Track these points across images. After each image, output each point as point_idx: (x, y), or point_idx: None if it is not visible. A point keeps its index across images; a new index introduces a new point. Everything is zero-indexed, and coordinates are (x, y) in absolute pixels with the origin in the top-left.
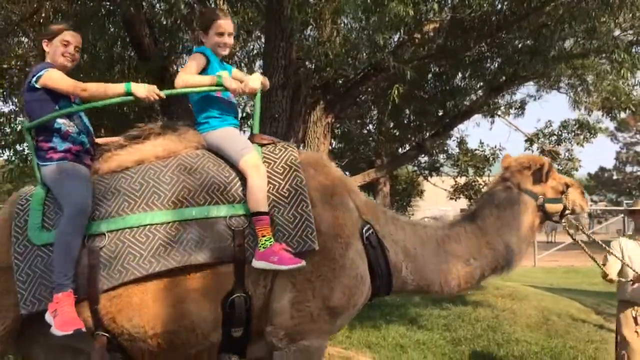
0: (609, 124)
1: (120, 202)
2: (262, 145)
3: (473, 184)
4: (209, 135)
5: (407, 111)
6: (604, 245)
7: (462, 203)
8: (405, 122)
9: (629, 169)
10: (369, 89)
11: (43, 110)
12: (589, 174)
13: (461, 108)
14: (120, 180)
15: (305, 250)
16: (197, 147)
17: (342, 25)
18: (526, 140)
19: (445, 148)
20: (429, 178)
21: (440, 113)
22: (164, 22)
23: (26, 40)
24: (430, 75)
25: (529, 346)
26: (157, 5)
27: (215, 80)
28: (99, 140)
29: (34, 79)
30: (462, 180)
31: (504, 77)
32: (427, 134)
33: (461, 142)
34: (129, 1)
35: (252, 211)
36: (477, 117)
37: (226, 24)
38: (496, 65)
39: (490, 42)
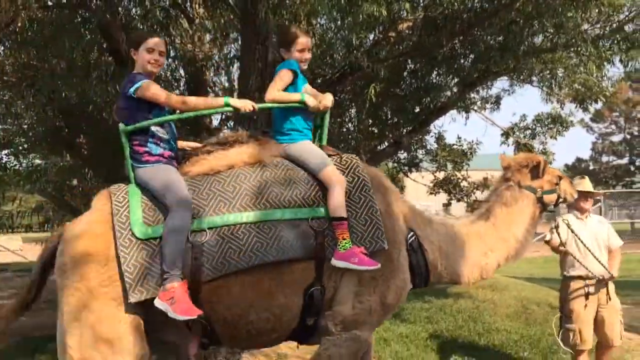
0: (584, 115)
1: (217, 202)
2: (329, 156)
3: (452, 178)
4: (290, 146)
5: (385, 109)
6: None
7: (442, 197)
8: (383, 119)
9: (604, 158)
10: (347, 88)
11: (138, 117)
12: (566, 165)
13: (437, 104)
14: (214, 183)
15: (376, 251)
16: (277, 156)
17: (318, 26)
18: (502, 134)
19: (424, 144)
20: (409, 174)
21: (417, 109)
22: (141, 28)
23: (2, 49)
24: (406, 73)
25: (508, 335)
26: (133, 10)
27: (299, 97)
28: (181, 144)
29: (132, 89)
30: (441, 175)
31: (477, 73)
32: (405, 130)
33: (439, 138)
34: (104, 8)
35: (332, 216)
36: (453, 113)
37: (307, 41)
38: (469, 61)
39: (463, 39)
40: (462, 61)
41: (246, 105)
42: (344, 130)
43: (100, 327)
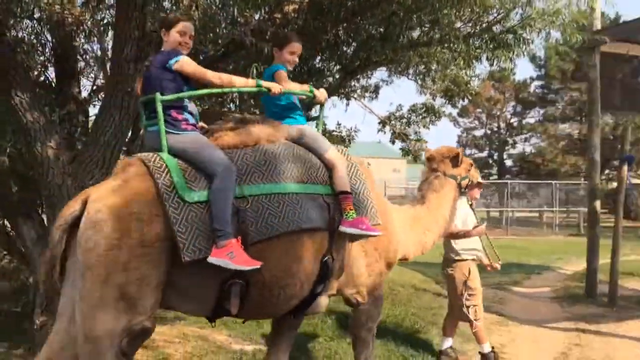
0: (452, 109)
1: (251, 173)
2: None
3: None
4: (296, 128)
5: None
6: None
7: None
8: None
9: (467, 151)
10: (229, 67)
11: (173, 89)
12: None
13: (319, 89)
14: (246, 156)
15: (373, 225)
16: (287, 137)
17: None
18: (379, 123)
19: None
20: None
21: None
22: None
23: None
24: None
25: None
26: None
27: (309, 88)
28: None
29: (172, 61)
30: None
31: (358, 61)
32: None
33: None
34: None
35: (340, 190)
36: (334, 99)
37: (299, 47)
38: (352, 49)
39: (347, 27)
40: (345, 48)
41: (275, 87)
42: (225, 109)
43: (128, 286)
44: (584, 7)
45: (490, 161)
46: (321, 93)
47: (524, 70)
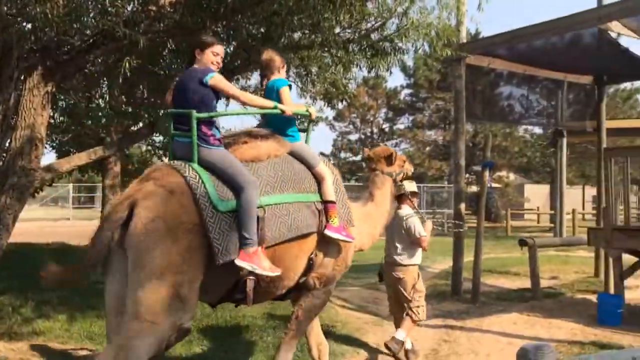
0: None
1: (265, 185)
2: None
3: None
4: (294, 144)
5: (141, 87)
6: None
7: None
8: (139, 98)
9: (343, 155)
10: (98, 59)
11: (207, 103)
12: None
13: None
14: (260, 169)
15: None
16: (288, 152)
17: None
18: (257, 126)
19: None
20: (164, 158)
21: None
22: None
23: None
24: (166, 51)
25: (254, 320)
26: None
27: (305, 108)
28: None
29: (207, 78)
30: None
31: (239, 61)
32: (162, 111)
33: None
34: None
35: (327, 199)
36: None
37: (221, 49)
38: (231, 48)
39: (226, 25)
40: (224, 47)
41: (288, 110)
42: (94, 106)
43: (181, 288)
44: (453, 22)
45: (364, 165)
46: (314, 111)
47: (395, 78)
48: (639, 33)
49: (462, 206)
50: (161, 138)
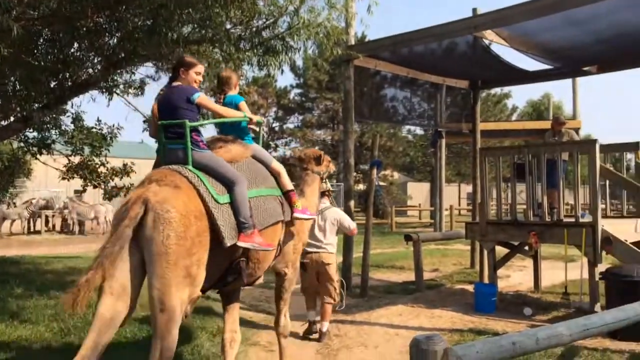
0: None
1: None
2: None
3: (89, 163)
4: (254, 147)
5: (13, 78)
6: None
7: (77, 183)
8: (10, 90)
9: None
10: None
11: (194, 117)
12: None
13: (76, 80)
14: (238, 168)
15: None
16: (251, 154)
17: None
18: (144, 121)
19: (59, 123)
20: (39, 156)
21: (53, 83)
22: None
23: None
24: (42, 41)
25: (140, 325)
26: None
27: (259, 118)
28: None
29: (194, 97)
30: (76, 159)
31: (123, 53)
32: (37, 105)
33: (77, 118)
34: None
35: (286, 190)
36: (94, 93)
37: (202, 68)
38: (115, 40)
39: (110, 15)
40: (107, 38)
41: (254, 117)
42: None
43: (192, 267)
44: (342, 23)
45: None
46: (262, 119)
47: (285, 78)
48: (509, 41)
49: (352, 203)
50: (36, 134)
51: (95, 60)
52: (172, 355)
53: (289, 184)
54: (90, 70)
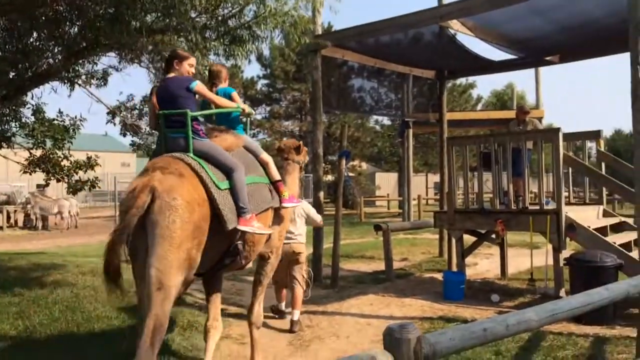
0: None
1: None
2: None
3: (51, 156)
4: (245, 137)
5: None
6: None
7: (39, 177)
8: None
9: None
10: None
11: (193, 106)
12: None
13: (36, 70)
14: (233, 156)
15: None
16: (243, 144)
17: None
18: (108, 113)
19: (18, 115)
20: None
21: (12, 74)
22: None
23: None
24: None
25: (110, 321)
26: None
27: (250, 109)
28: None
29: (192, 85)
30: (38, 152)
31: (84, 43)
32: None
33: (37, 111)
34: None
35: (275, 180)
36: (55, 84)
37: (195, 60)
38: (76, 29)
39: (70, 3)
40: (67, 27)
41: (246, 108)
42: None
43: (192, 250)
44: (309, 12)
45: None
46: (252, 111)
47: (251, 69)
48: (475, 31)
49: (321, 194)
50: None
51: (56, 50)
52: (164, 332)
53: (276, 174)
54: (51, 60)
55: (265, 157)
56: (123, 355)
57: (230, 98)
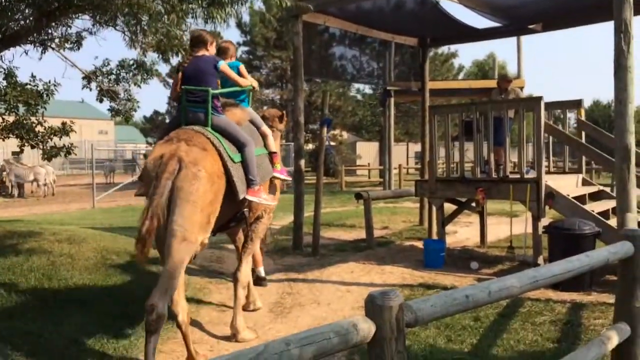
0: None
1: None
2: None
3: (25, 122)
4: (249, 110)
5: None
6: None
7: (14, 144)
8: None
9: None
10: None
11: (215, 84)
12: (145, 117)
13: (5, 32)
14: (244, 130)
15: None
16: (249, 117)
17: None
18: (83, 78)
19: None
20: None
21: None
22: None
23: None
24: None
25: (89, 288)
26: None
27: (255, 82)
28: None
29: (219, 64)
30: (11, 118)
31: (56, 3)
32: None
33: (9, 74)
34: None
35: (271, 150)
36: (27, 47)
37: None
38: None
39: None
40: None
41: (255, 84)
42: None
43: (211, 215)
44: None
45: None
46: (256, 85)
47: (231, 35)
48: None
49: (302, 162)
50: None
51: (26, 12)
52: (178, 281)
53: (273, 146)
54: (22, 22)
55: (265, 129)
56: (100, 321)
57: (238, 72)
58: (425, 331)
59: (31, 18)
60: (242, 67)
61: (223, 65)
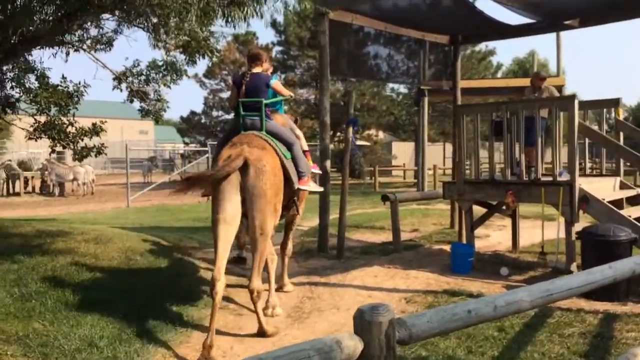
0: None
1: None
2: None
3: (56, 123)
4: (285, 116)
5: None
6: None
7: (45, 144)
8: None
9: (215, 113)
10: None
11: (267, 95)
12: (182, 117)
13: (27, 33)
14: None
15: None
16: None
17: None
18: (114, 79)
19: (22, 81)
20: (3, 115)
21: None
22: None
23: None
24: None
25: (109, 289)
26: None
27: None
28: None
29: (272, 82)
30: (42, 118)
31: (78, 3)
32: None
33: (41, 76)
34: None
35: (304, 150)
36: (54, 50)
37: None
38: None
39: None
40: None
41: (292, 95)
42: None
43: (277, 204)
44: None
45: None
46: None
47: (266, 35)
48: None
49: (328, 163)
50: None
51: (46, 12)
52: (264, 263)
53: (305, 146)
54: (40, 25)
55: (298, 132)
56: (115, 323)
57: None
58: (445, 341)
59: (51, 19)
60: (277, 83)
61: (275, 83)
